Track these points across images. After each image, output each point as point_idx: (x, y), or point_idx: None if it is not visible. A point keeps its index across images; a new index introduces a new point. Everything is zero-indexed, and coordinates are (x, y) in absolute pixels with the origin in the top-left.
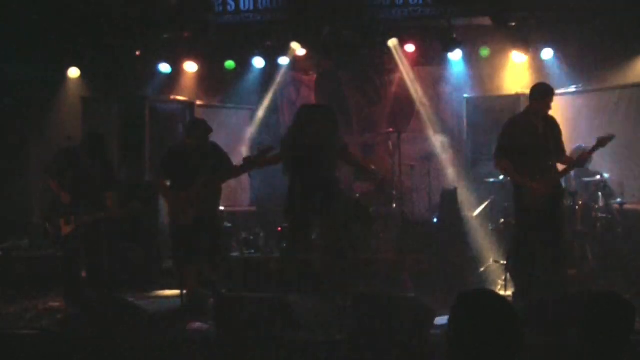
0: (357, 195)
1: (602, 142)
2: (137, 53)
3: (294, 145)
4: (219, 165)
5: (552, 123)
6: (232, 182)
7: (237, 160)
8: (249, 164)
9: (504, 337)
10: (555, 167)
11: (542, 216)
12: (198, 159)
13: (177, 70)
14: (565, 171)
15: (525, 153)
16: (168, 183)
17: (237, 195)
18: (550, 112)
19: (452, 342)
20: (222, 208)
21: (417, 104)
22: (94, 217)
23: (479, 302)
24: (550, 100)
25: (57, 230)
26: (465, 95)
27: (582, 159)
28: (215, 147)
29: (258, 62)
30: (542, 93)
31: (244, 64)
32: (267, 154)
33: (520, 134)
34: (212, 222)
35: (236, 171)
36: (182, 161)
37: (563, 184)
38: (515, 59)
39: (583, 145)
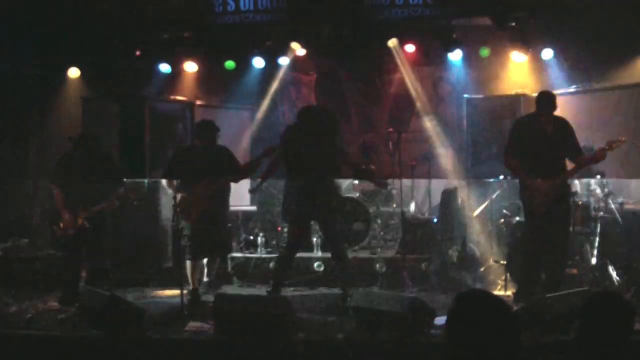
0: (357, 195)
1: (611, 146)
2: (137, 53)
3: (294, 146)
4: (227, 166)
5: (562, 124)
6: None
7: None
8: (252, 164)
9: (501, 337)
10: (565, 168)
11: (548, 216)
12: (206, 160)
13: (177, 70)
14: (574, 170)
15: (533, 155)
16: (176, 183)
17: (237, 195)
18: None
19: (450, 343)
20: None
21: (417, 103)
22: (97, 210)
23: (476, 303)
24: (555, 105)
25: (63, 230)
26: (465, 95)
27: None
28: (222, 149)
29: (258, 62)
30: (546, 102)
31: (244, 64)
32: (270, 154)
33: (527, 135)
34: (219, 222)
35: (242, 172)
36: (190, 161)
37: (577, 186)
38: (515, 59)
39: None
